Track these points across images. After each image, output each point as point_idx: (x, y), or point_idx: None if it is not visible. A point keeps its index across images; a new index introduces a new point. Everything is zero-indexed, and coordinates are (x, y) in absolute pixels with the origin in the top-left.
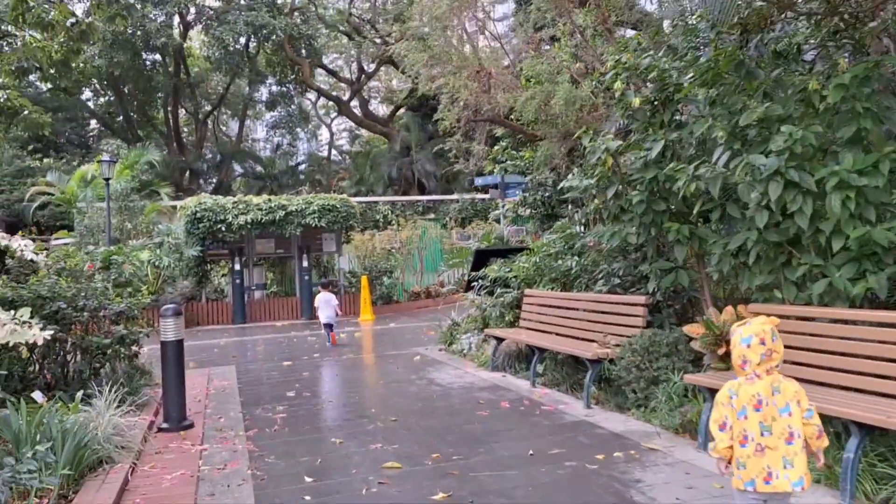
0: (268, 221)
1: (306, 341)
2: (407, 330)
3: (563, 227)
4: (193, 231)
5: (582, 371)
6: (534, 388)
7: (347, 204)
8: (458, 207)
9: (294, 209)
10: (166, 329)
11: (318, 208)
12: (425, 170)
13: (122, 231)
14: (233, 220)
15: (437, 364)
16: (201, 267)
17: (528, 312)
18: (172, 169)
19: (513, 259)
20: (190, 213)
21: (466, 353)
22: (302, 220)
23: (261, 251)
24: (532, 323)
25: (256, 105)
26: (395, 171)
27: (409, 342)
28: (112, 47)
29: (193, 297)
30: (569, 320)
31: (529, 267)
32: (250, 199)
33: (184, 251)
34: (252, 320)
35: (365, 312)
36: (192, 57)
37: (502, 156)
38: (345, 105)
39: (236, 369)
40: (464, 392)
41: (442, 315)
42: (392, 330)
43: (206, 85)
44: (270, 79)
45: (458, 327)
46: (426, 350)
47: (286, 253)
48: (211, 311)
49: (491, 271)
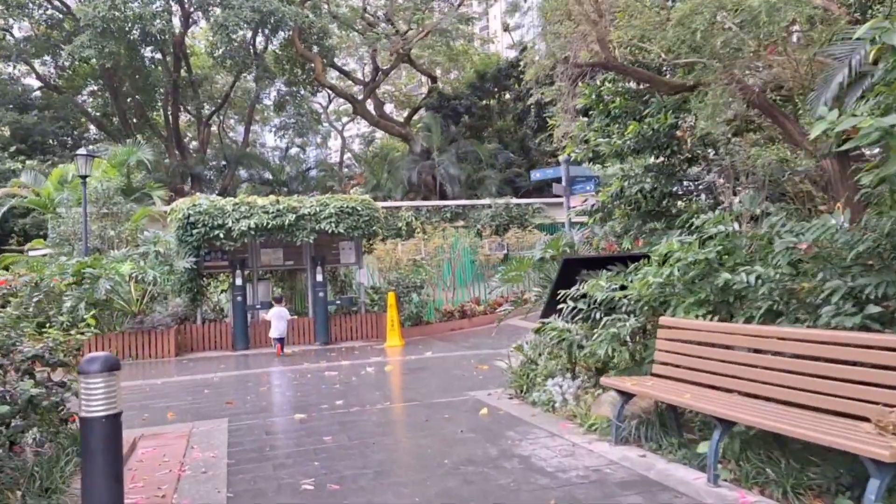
0: (275, 227)
1: (324, 378)
2: (449, 362)
3: (719, 219)
4: (186, 239)
5: (807, 463)
6: (715, 488)
7: (370, 207)
8: (491, 213)
9: (307, 212)
10: (91, 397)
11: (335, 211)
12: (448, 173)
13: (103, 239)
14: (233, 226)
15: (519, 425)
16: (196, 282)
17: (672, 353)
18: (172, 173)
19: (620, 272)
20: (182, 217)
21: (558, 407)
22: (316, 226)
23: (267, 263)
24: (683, 371)
25: (265, 111)
26: (414, 175)
27: (459, 382)
28: (102, 35)
29: (187, 318)
30: (767, 372)
31: (663, 282)
32: (254, 200)
33: (174, 263)
34: (256, 345)
35: (392, 337)
36: (195, 56)
37: (587, 133)
38: (360, 104)
39: (229, 427)
40: (595, 491)
41: (484, 340)
42: (430, 362)
43: (210, 84)
44: (279, 80)
45: (533, 365)
46: (490, 397)
47: (297, 265)
48: (208, 334)
49: (595, 289)
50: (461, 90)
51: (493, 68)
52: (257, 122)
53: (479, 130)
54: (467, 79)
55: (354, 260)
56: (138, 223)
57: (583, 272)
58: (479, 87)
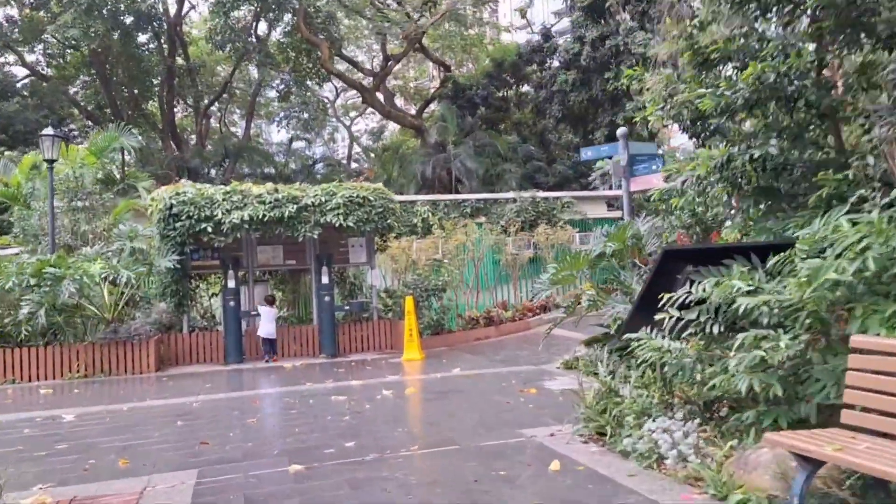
0: (273, 219)
1: (329, 405)
2: (484, 382)
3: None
4: (168, 233)
5: None
6: None
7: (383, 196)
8: (516, 208)
9: (310, 203)
10: None
11: (343, 202)
12: (465, 167)
13: (76, 235)
14: (223, 218)
15: (617, 494)
16: (182, 284)
17: (875, 393)
18: (167, 166)
19: (752, 268)
20: (163, 208)
21: (669, 463)
22: (321, 219)
23: (265, 262)
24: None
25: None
26: (429, 169)
27: (504, 413)
28: (87, 14)
29: (172, 326)
30: None
31: (840, 282)
32: (249, 188)
33: (155, 261)
34: (252, 357)
35: (411, 349)
36: (193, 45)
37: (676, 84)
38: (369, 93)
39: (196, 485)
40: None
41: (518, 352)
42: (460, 382)
43: (209, 74)
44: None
45: (615, 397)
46: (555, 440)
47: (299, 265)
48: (195, 344)
49: (723, 291)
50: (477, 79)
51: (511, 56)
52: (261, 117)
53: (495, 123)
54: (483, 68)
55: (365, 259)
56: (119, 217)
57: (687, 269)
58: (496, 76)
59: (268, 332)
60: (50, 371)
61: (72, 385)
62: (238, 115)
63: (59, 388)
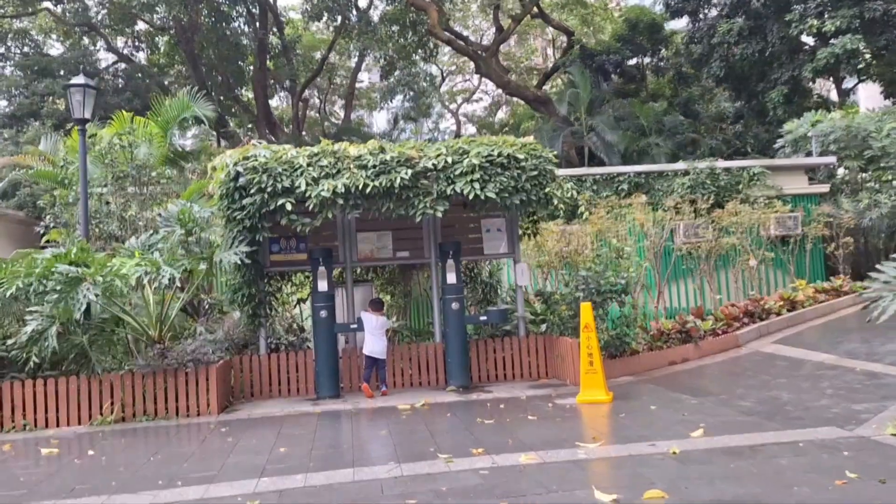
0: (379, 191)
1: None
2: (783, 471)
3: None
4: (234, 214)
5: None
6: None
7: (539, 155)
8: (688, 182)
9: (431, 166)
10: None
11: (479, 162)
12: (604, 141)
13: (123, 222)
14: (309, 190)
15: None
16: (255, 286)
17: None
18: None
19: None
20: (227, 179)
21: None
22: (447, 188)
23: (367, 256)
24: None
25: (370, 93)
26: (558, 146)
27: None
28: None
29: (248, 345)
30: None
31: None
32: (344, 147)
33: (216, 255)
34: (351, 390)
35: (591, 384)
36: (288, 25)
37: None
38: (484, 61)
39: None
40: None
41: (765, 391)
42: (727, 467)
43: (304, 49)
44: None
45: None
46: None
47: (414, 257)
48: (276, 370)
49: None
50: (609, 44)
51: (649, 16)
52: (363, 107)
53: (628, 94)
54: (615, 31)
55: (506, 249)
56: (192, 201)
57: None
58: (630, 40)
59: (376, 349)
60: (74, 412)
61: (94, 437)
62: (338, 105)
63: (73, 443)
